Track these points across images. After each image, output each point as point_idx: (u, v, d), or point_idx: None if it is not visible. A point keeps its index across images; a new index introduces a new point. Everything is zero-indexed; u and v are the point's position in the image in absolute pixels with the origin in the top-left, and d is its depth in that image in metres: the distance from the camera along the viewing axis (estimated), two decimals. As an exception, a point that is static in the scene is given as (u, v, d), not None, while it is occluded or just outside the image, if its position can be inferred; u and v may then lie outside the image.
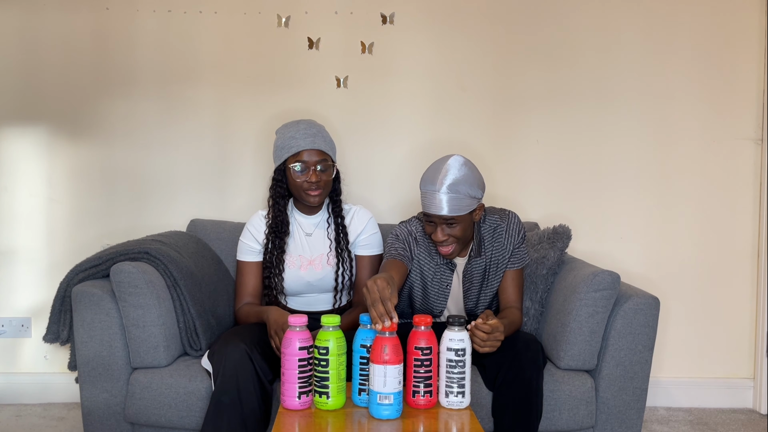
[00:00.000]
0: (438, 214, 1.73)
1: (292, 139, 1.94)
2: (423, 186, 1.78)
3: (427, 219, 1.79)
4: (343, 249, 2.02)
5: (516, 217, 1.94)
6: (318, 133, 1.97)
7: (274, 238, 2.00)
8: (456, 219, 1.75)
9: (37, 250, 2.55)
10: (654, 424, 2.42)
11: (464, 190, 1.73)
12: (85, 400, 1.88)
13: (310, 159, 1.93)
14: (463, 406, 1.51)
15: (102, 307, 1.85)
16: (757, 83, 2.57)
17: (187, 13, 2.51)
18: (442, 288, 1.94)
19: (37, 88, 2.52)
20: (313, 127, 1.97)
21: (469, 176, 1.74)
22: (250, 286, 2.03)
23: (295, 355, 1.48)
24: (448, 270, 1.92)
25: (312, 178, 1.93)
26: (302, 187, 1.94)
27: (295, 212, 2.07)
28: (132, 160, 2.54)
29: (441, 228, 1.77)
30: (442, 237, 1.77)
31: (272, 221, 2.01)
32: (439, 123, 2.56)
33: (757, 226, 2.60)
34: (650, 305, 1.86)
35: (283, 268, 2.01)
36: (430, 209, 1.74)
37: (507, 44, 2.54)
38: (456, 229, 1.77)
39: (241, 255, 2.05)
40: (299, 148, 1.93)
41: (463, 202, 1.73)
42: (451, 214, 1.72)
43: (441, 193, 1.71)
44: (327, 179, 1.97)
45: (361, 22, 2.53)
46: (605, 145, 2.57)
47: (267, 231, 2.03)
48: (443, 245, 1.80)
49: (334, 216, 2.05)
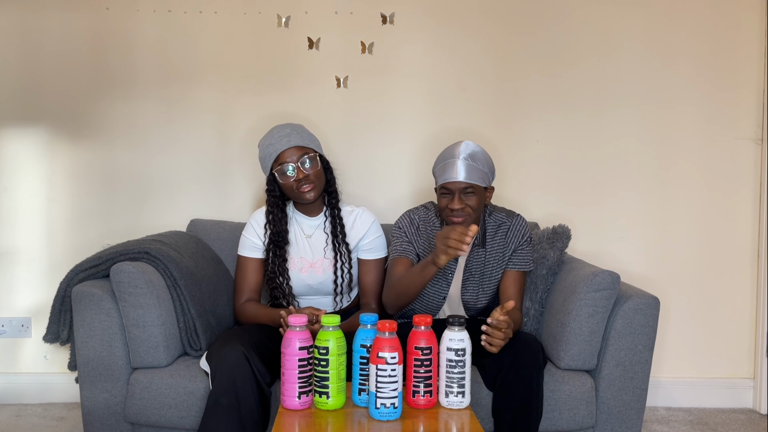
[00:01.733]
0: (457, 180, 1.82)
1: (270, 146, 1.95)
2: (440, 161, 1.89)
3: (444, 191, 1.86)
4: (341, 243, 2.01)
5: (523, 220, 2.00)
6: (293, 132, 1.96)
7: (274, 248, 2.00)
8: (473, 188, 1.83)
9: (37, 250, 2.55)
10: (654, 424, 2.42)
11: (481, 162, 1.86)
12: (85, 400, 1.88)
13: (291, 157, 1.92)
14: (463, 406, 1.51)
15: (102, 307, 1.85)
16: (757, 83, 2.57)
17: (187, 13, 2.51)
18: (446, 275, 1.97)
19: (37, 88, 2.52)
20: (287, 128, 1.97)
21: (484, 153, 1.89)
22: (251, 282, 2.03)
23: (295, 355, 1.48)
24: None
25: (299, 175, 1.92)
26: (293, 187, 1.94)
27: (297, 214, 2.06)
28: (132, 160, 2.54)
29: (458, 197, 1.84)
30: (458, 205, 1.83)
31: (271, 231, 2.01)
32: (439, 123, 2.56)
33: (757, 226, 2.60)
34: (650, 305, 1.86)
35: (288, 276, 2.00)
36: (449, 177, 1.83)
37: (507, 44, 2.55)
38: (472, 199, 1.84)
39: (243, 250, 2.05)
40: (277, 152, 1.93)
41: (479, 173, 1.84)
42: (469, 180, 1.82)
43: (460, 160, 1.83)
44: (315, 171, 1.95)
45: (361, 22, 2.53)
46: (605, 145, 2.57)
47: (266, 241, 2.02)
48: (457, 215, 1.85)
49: (330, 209, 2.04)
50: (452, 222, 1.87)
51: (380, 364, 1.42)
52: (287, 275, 2.00)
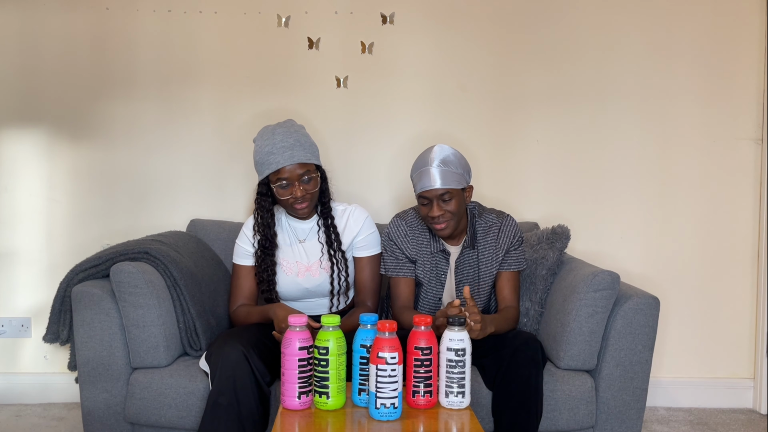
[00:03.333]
0: (433, 188, 1.83)
1: (270, 155, 1.87)
2: (415, 169, 1.90)
3: (422, 200, 1.88)
4: (336, 251, 2.00)
5: (513, 220, 2.02)
6: (296, 143, 1.88)
7: (262, 254, 1.98)
8: (450, 192, 1.84)
9: (37, 250, 2.55)
10: (654, 424, 2.42)
11: (454, 166, 1.86)
12: (85, 400, 1.88)
13: (292, 174, 1.87)
14: (463, 406, 1.51)
15: (102, 307, 1.85)
16: (757, 83, 2.57)
17: (187, 13, 2.51)
18: (438, 276, 1.98)
19: (37, 88, 2.52)
20: (290, 137, 1.89)
21: (457, 155, 1.89)
22: (246, 289, 2.02)
23: (295, 355, 1.48)
24: (443, 258, 1.97)
25: (297, 193, 1.88)
26: (288, 202, 1.91)
27: (289, 219, 2.04)
28: (132, 160, 2.54)
29: (437, 204, 1.85)
30: (438, 212, 1.85)
31: (260, 236, 1.98)
32: (439, 123, 2.56)
33: (757, 226, 2.60)
34: (650, 305, 1.86)
35: (276, 280, 1.99)
36: (425, 185, 1.84)
37: (507, 44, 2.54)
38: (451, 204, 1.85)
39: (237, 258, 2.04)
40: (278, 165, 1.86)
41: (454, 176, 1.85)
42: (445, 186, 1.83)
43: (433, 167, 1.84)
44: (313, 190, 1.92)
45: (361, 22, 2.53)
46: (605, 145, 2.57)
47: (256, 245, 2.01)
48: (439, 221, 1.87)
49: (323, 218, 2.01)
50: (435, 229, 1.89)
51: (380, 364, 1.42)
52: (275, 279, 1.98)
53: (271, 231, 1.98)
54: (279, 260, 2.00)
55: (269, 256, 1.98)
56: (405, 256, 1.97)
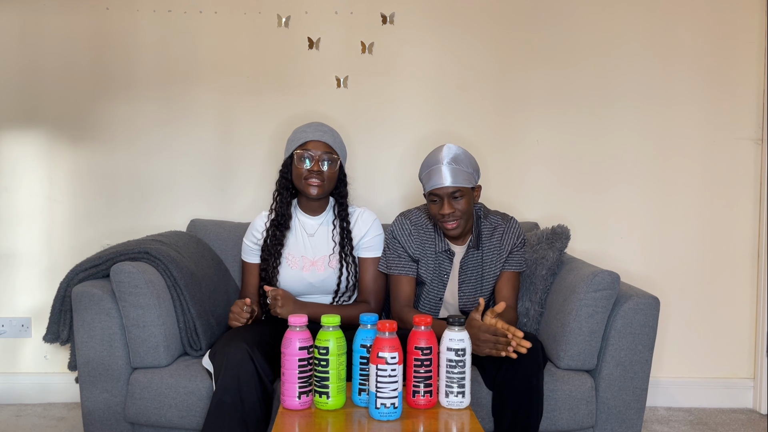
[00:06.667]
0: (444, 185, 1.85)
1: (302, 132, 2.00)
2: (425, 167, 1.91)
3: (433, 198, 1.88)
4: (348, 254, 2.03)
5: (517, 223, 2.04)
6: (329, 131, 2.01)
7: (274, 231, 2.02)
8: (461, 190, 1.86)
9: (38, 250, 2.55)
10: (654, 424, 2.42)
11: (464, 164, 1.88)
12: (85, 400, 1.88)
13: (316, 150, 1.96)
14: (463, 406, 1.51)
15: (102, 307, 1.85)
16: (757, 83, 2.57)
17: (187, 13, 2.52)
18: (441, 276, 1.98)
19: (37, 88, 2.52)
20: (324, 126, 2.03)
21: (466, 154, 1.91)
22: (253, 286, 2.06)
23: (295, 355, 1.48)
24: (447, 258, 1.98)
25: (314, 167, 1.95)
26: (303, 175, 1.96)
27: (299, 212, 2.07)
28: (132, 160, 2.54)
29: (448, 201, 1.86)
30: (449, 209, 1.86)
31: (274, 213, 2.04)
32: (440, 123, 2.56)
33: (757, 226, 2.60)
34: (650, 305, 1.86)
35: (280, 261, 2.02)
36: (436, 183, 1.86)
37: (507, 44, 2.55)
38: (461, 202, 1.87)
39: (245, 255, 2.08)
40: (306, 139, 1.97)
41: (465, 175, 1.86)
42: (455, 184, 1.84)
43: (444, 165, 1.86)
44: (330, 173, 1.98)
45: (361, 22, 2.53)
46: (605, 145, 2.57)
47: (267, 224, 2.05)
48: (449, 219, 1.88)
49: (340, 219, 2.05)
50: (445, 227, 1.90)
51: (380, 364, 1.42)
52: (279, 260, 2.01)
53: (287, 210, 2.04)
54: (284, 254, 2.02)
55: (280, 234, 2.01)
56: (408, 255, 1.98)
